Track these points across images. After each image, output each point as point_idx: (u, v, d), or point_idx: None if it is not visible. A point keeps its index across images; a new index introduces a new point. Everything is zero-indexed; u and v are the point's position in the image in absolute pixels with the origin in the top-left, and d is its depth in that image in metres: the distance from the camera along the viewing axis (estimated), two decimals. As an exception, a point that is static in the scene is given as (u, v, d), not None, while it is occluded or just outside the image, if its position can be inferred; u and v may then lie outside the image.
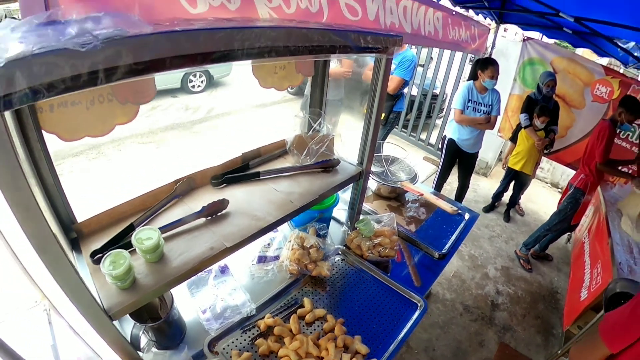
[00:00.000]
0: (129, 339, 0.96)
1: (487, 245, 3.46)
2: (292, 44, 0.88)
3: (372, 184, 2.18)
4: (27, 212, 0.62)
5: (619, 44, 3.25)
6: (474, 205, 4.01)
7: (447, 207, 2.09)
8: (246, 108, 6.60)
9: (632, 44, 3.28)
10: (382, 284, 1.49)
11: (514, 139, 3.69)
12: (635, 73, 4.81)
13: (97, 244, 0.96)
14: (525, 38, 4.06)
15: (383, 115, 3.33)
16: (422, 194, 2.14)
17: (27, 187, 0.61)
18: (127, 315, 0.92)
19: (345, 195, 1.88)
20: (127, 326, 1.07)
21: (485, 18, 3.79)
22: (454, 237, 1.90)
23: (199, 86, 6.90)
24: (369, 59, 3.30)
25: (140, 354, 0.98)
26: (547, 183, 5.07)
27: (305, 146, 1.44)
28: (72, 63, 0.56)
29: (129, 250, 0.89)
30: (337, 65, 3.02)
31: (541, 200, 4.53)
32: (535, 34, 4.18)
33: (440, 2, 2.78)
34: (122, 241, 0.97)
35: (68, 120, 0.92)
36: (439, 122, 5.49)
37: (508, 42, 4.39)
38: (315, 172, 1.43)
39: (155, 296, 0.92)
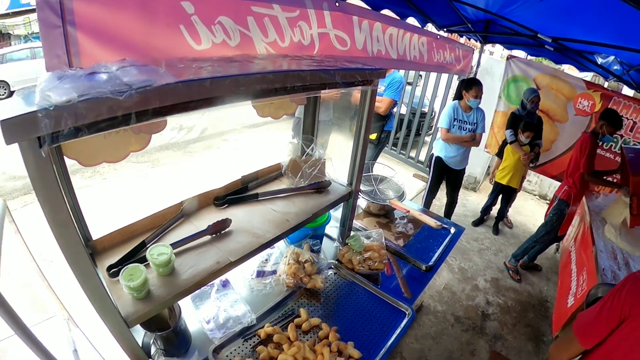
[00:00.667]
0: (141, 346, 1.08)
1: (476, 258, 3.61)
2: (289, 84, 1.04)
3: (362, 202, 2.33)
4: (66, 230, 0.76)
5: (599, 59, 3.49)
6: (463, 220, 4.18)
7: (432, 222, 2.25)
8: (239, 128, 6.82)
9: (611, 57, 3.49)
10: (372, 295, 1.63)
11: (500, 154, 3.90)
12: (617, 86, 5.11)
13: (111, 259, 1.08)
14: (509, 56, 4.32)
15: (375, 135, 3.50)
16: (409, 211, 2.29)
17: (66, 208, 0.75)
18: (138, 325, 1.04)
19: (336, 213, 2.03)
20: (137, 337, 1.18)
21: (469, 39, 4.05)
22: (440, 250, 2.04)
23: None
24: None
25: (151, 361, 1.10)
26: (535, 195, 5.28)
27: (299, 169, 1.59)
28: (110, 107, 0.70)
29: (143, 264, 1.02)
30: None
31: (529, 213, 4.72)
32: (520, 52, 4.45)
33: (425, 28, 3.02)
34: (135, 257, 1.10)
35: (88, 148, 1.05)
36: (427, 139, 5.71)
37: (492, 61, 4.67)
38: (309, 193, 1.58)
39: (167, 305, 1.05)
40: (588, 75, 6.12)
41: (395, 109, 3.67)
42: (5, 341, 1.10)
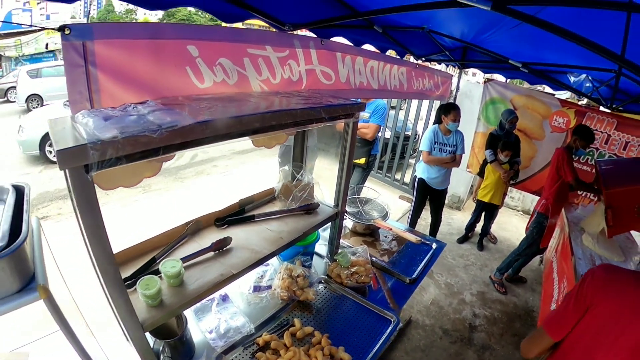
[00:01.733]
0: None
1: (462, 273, 3.81)
2: (282, 121, 1.27)
3: (349, 223, 2.54)
4: (101, 244, 0.95)
5: (571, 78, 3.82)
6: (448, 237, 4.41)
7: (413, 238, 2.48)
8: (228, 155, 7.10)
9: (583, 76, 3.83)
10: (360, 305, 1.81)
11: (481, 173, 4.18)
12: (592, 104, 5.50)
13: (125, 273, 1.25)
14: (486, 80, 4.69)
15: (364, 159, 3.71)
16: (392, 229, 2.51)
17: (103, 225, 0.94)
18: (148, 334, 1.20)
19: (325, 233, 2.23)
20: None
21: (447, 67, 4.42)
22: (422, 264, 2.25)
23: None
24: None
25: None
26: (518, 211, 5.57)
27: (290, 193, 1.81)
28: (145, 143, 0.91)
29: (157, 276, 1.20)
30: None
31: (513, 228, 4.99)
32: (498, 75, 4.82)
33: (404, 58, 3.33)
34: (147, 271, 1.28)
35: (108, 174, 1.23)
36: (412, 161, 6.01)
37: (471, 85, 5.03)
38: (300, 214, 1.79)
39: (177, 312, 1.22)
40: (567, 93, 6.56)
41: (379, 134, 3.95)
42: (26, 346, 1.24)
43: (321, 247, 2.21)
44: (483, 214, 4.24)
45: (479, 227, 4.41)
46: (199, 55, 1.50)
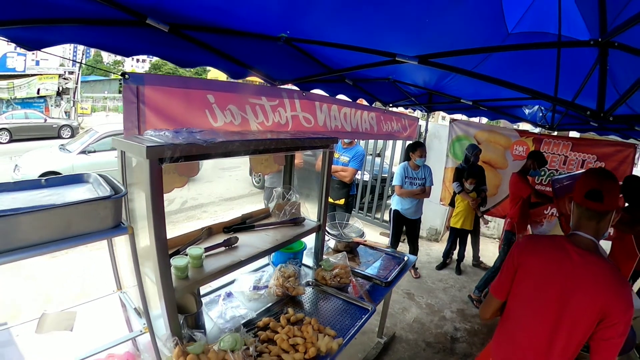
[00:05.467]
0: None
1: (442, 294, 4.23)
2: (277, 146, 1.84)
3: (332, 243, 3.03)
4: (161, 225, 1.43)
5: (526, 110, 4.42)
6: (427, 266, 4.88)
7: (383, 245, 2.98)
8: (217, 201, 7.62)
9: (536, 107, 4.33)
10: (342, 300, 2.25)
11: (452, 203, 4.78)
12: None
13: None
14: (451, 120, 5.45)
15: (343, 200, 4.24)
16: (365, 241, 3.01)
17: (163, 207, 1.43)
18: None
19: (311, 245, 2.70)
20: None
21: (414, 110, 5.18)
22: (396, 270, 2.72)
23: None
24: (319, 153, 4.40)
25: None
26: (495, 239, 6.11)
27: (282, 209, 2.32)
28: (197, 148, 1.44)
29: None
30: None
31: (491, 254, 5.46)
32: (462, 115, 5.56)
33: (373, 105, 4.05)
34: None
35: None
36: (389, 202, 6.61)
37: (438, 126, 5.81)
38: (290, 225, 2.29)
39: (199, 285, 1.67)
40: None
41: (357, 177, 4.55)
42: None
43: (308, 260, 2.67)
44: (458, 240, 4.76)
45: (455, 255, 4.89)
46: (215, 102, 2.11)
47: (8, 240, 0.94)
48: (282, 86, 2.77)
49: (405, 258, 2.95)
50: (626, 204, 3.32)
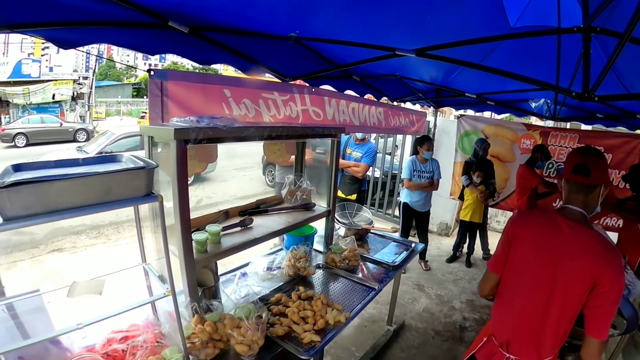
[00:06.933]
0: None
1: (451, 286, 4.33)
2: (290, 133, 2.01)
3: (342, 231, 3.18)
4: (184, 202, 1.61)
5: (532, 104, 4.51)
6: (438, 259, 4.99)
7: (391, 230, 3.13)
8: (231, 199, 7.85)
9: (542, 100, 4.41)
10: (350, 281, 2.41)
11: (461, 197, 4.88)
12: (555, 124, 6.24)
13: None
14: (459, 115, 5.55)
15: (355, 195, 4.38)
16: (373, 226, 3.17)
17: (187, 186, 1.61)
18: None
19: (322, 231, 2.86)
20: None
21: (422, 106, 5.31)
22: (404, 255, 2.85)
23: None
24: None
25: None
26: (505, 235, 6.15)
27: (294, 195, 2.49)
28: (217, 132, 1.62)
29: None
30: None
31: (501, 250, 5.53)
32: (470, 111, 5.66)
33: (380, 100, 4.20)
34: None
35: None
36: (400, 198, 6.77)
37: (447, 122, 5.91)
38: (301, 210, 2.46)
39: (216, 259, 1.84)
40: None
41: (369, 173, 4.70)
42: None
43: (319, 246, 2.83)
44: (467, 233, 4.85)
45: (465, 248, 4.99)
46: (231, 96, 2.30)
47: (58, 202, 1.12)
48: (292, 82, 2.95)
49: (413, 245, 3.09)
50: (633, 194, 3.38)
